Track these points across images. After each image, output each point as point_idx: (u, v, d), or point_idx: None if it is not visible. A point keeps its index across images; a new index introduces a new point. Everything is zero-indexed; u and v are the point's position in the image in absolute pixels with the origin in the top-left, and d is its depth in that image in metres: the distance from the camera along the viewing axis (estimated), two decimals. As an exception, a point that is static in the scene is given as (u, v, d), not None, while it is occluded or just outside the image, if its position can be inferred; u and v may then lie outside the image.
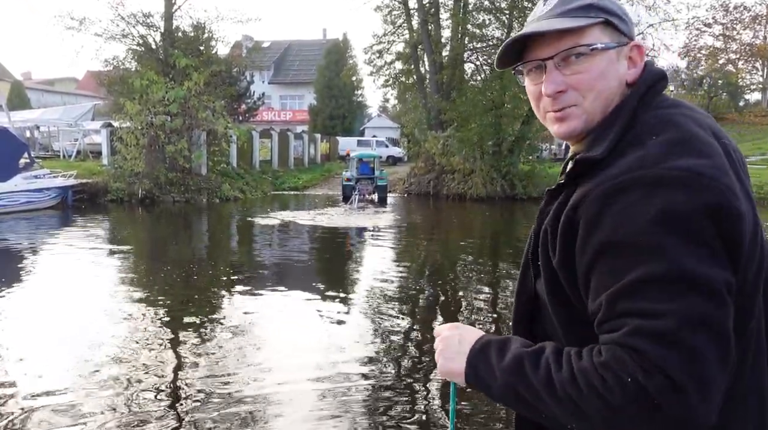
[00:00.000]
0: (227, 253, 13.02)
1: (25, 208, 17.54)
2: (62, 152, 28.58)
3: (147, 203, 20.97)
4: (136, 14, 26.17)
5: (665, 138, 0.96)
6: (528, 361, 0.98)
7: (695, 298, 0.86)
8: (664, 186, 0.90)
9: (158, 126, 21.89)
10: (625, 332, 0.88)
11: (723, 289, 0.88)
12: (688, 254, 0.87)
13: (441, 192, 25.53)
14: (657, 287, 0.87)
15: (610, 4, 1.08)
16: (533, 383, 0.96)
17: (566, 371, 0.93)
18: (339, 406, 4.59)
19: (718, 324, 0.86)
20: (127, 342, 6.06)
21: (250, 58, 37.49)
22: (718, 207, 0.89)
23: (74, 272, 9.91)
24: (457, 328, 1.15)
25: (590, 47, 1.04)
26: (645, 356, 0.85)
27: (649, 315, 0.87)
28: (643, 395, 0.84)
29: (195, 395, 4.71)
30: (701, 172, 0.90)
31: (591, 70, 1.05)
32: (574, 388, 0.91)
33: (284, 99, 51.34)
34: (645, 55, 1.10)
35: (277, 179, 28.96)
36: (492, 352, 1.04)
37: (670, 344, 0.84)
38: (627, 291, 0.89)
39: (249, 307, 7.64)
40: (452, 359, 1.10)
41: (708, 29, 35.24)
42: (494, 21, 27.06)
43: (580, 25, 1.05)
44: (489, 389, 1.04)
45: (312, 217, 17.93)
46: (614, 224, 0.91)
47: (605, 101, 1.06)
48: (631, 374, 0.85)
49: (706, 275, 0.86)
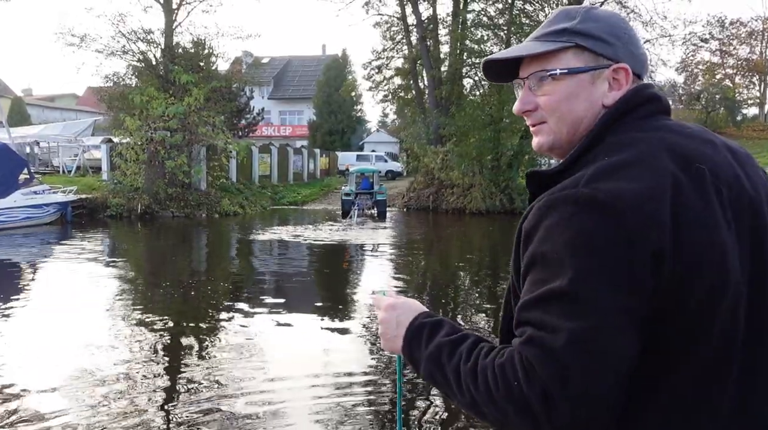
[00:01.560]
0: (226, 268, 13.00)
1: (25, 223, 17.54)
2: (62, 168, 28.63)
3: (146, 219, 20.98)
4: (136, 31, 26.38)
5: (611, 160, 0.97)
6: (446, 350, 1.03)
7: (588, 320, 0.88)
8: (584, 207, 0.92)
9: (158, 141, 21.95)
10: (524, 339, 0.92)
11: (620, 316, 0.89)
12: (593, 277, 0.89)
13: (440, 206, 25.55)
14: (557, 304, 0.90)
15: (590, 27, 1.08)
16: (446, 371, 1.02)
17: (471, 365, 0.98)
18: (339, 420, 4.55)
19: (606, 351, 0.88)
20: (125, 357, 6.02)
21: (249, 74, 37.68)
22: (632, 233, 0.89)
23: (73, 288, 9.88)
24: (393, 308, 1.16)
25: (550, 73, 1.07)
26: (532, 365, 0.89)
27: (544, 327, 0.90)
28: (522, 402, 0.89)
29: (194, 410, 4.67)
30: (622, 197, 0.91)
31: (555, 93, 1.08)
32: (473, 381, 0.96)
33: (284, 114, 51.53)
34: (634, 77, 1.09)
35: (276, 194, 28.99)
36: (423, 336, 1.09)
37: (555, 360, 0.88)
38: (533, 302, 0.93)
39: (248, 322, 7.61)
40: (392, 341, 1.15)
41: (705, 45, 35.48)
42: (492, 37, 27.30)
43: (547, 50, 1.08)
44: (417, 370, 1.09)
45: (311, 232, 17.93)
46: (540, 238, 0.95)
47: (570, 123, 1.08)
48: (518, 379, 0.90)
49: (605, 299, 0.88)
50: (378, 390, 5.21)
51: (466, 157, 24.67)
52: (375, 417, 4.67)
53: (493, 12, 27.41)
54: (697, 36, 30.20)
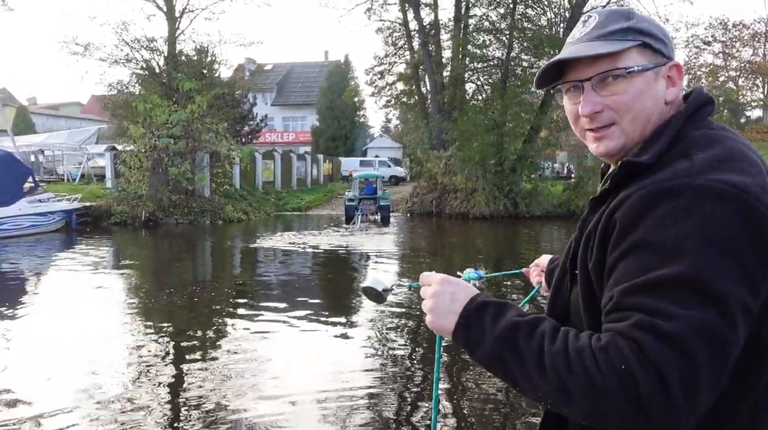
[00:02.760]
0: (230, 274, 13.01)
1: (30, 231, 17.60)
2: (66, 176, 28.74)
3: (150, 226, 21.02)
4: (140, 39, 26.59)
5: (712, 153, 0.98)
6: (523, 329, 0.98)
7: (710, 312, 0.87)
8: (708, 197, 0.91)
9: (161, 149, 22.02)
10: (632, 323, 0.89)
11: (738, 310, 0.88)
12: (717, 267, 0.88)
13: (444, 211, 25.53)
14: (676, 291, 0.88)
15: (647, 26, 1.10)
16: (522, 351, 0.96)
17: (560, 346, 0.93)
18: (344, 426, 4.55)
19: (723, 343, 0.87)
20: (129, 364, 6.04)
21: (252, 81, 37.87)
22: (758, 225, 0.90)
23: (77, 295, 9.89)
24: (448, 283, 1.12)
25: (627, 70, 1.07)
26: (645, 350, 0.86)
27: (660, 314, 0.87)
28: (632, 386, 0.86)
29: (198, 417, 4.67)
30: (745, 189, 0.92)
31: (628, 92, 1.07)
32: (565, 363, 0.91)
33: (287, 120, 51.64)
34: (684, 73, 1.12)
35: (280, 200, 29.01)
36: (487, 315, 1.03)
37: (673, 347, 0.85)
38: (646, 287, 0.90)
39: (252, 329, 7.61)
40: (443, 316, 1.08)
41: (707, 47, 35.41)
42: (494, 41, 27.29)
43: (617, 50, 1.07)
44: (474, 350, 1.03)
45: (315, 237, 17.93)
46: (650, 226, 0.93)
47: (643, 121, 1.08)
48: (627, 363, 0.86)
49: (726, 293, 0.87)
50: (384, 397, 5.20)
51: (469, 162, 24.65)
52: (381, 424, 4.66)
53: (494, 17, 27.45)
54: (700, 39, 30.13)
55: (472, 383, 5.55)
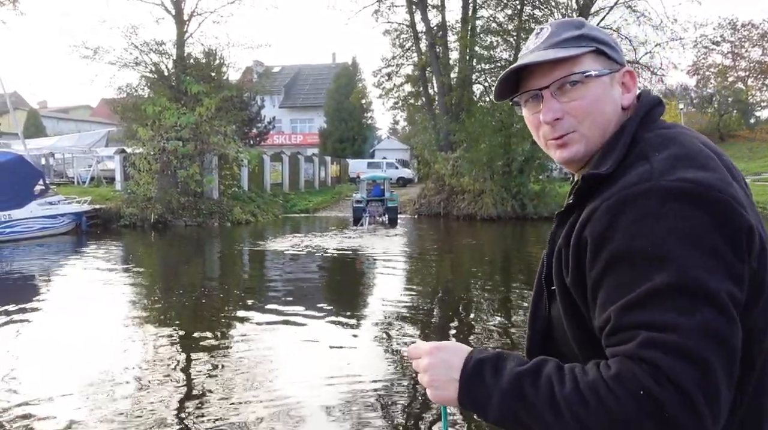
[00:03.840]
0: (239, 276, 13.07)
1: (40, 234, 17.73)
2: (76, 178, 28.92)
3: (159, 228, 21.12)
4: (149, 42, 26.66)
5: (669, 153, 0.98)
6: (527, 379, 0.94)
7: (707, 312, 0.86)
8: (674, 197, 0.91)
9: (170, 151, 22.12)
10: (637, 343, 0.87)
11: (730, 304, 0.87)
12: (700, 266, 0.87)
13: (451, 213, 25.51)
14: (669, 299, 0.87)
15: (599, 34, 1.13)
16: (534, 403, 0.92)
17: (570, 388, 0.89)
18: (351, 428, 4.57)
19: (728, 339, 0.86)
20: (139, 365, 6.08)
21: (260, 83, 37.96)
22: (729, 219, 0.91)
23: (87, 297, 9.97)
24: (439, 350, 1.06)
25: (584, 74, 1.08)
26: (657, 368, 0.84)
27: (660, 327, 0.86)
28: (656, 408, 0.83)
29: (207, 418, 4.71)
30: (709, 184, 0.92)
31: (586, 97, 1.08)
32: (581, 404, 0.87)
33: (294, 123, 51.76)
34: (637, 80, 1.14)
35: (288, 202, 29.08)
36: (486, 372, 0.99)
37: (683, 358, 0.83)
38: (638, 303, 0.88)
39: (260, 330, 7.65)
40: (444, 388, 1.03)
41: (716, 47, 35.18)
42: (502, 43, 27.32)
43: (573, 54, 1.08)
44: (485, 412, 0.98)
45: (322, 239, 17.97)
46: (624, 236, 0.92)
47: (602, 125, 1.09)
48: (644, 387, 0.84)
49: (717, 289, 0.87)
50: (391, 400, 5.22)
51: (476, 163, 24.63)
52: (389, 425, 4.68)
53: (502, 18, 27.48)
54: (709, 39, 29.94)
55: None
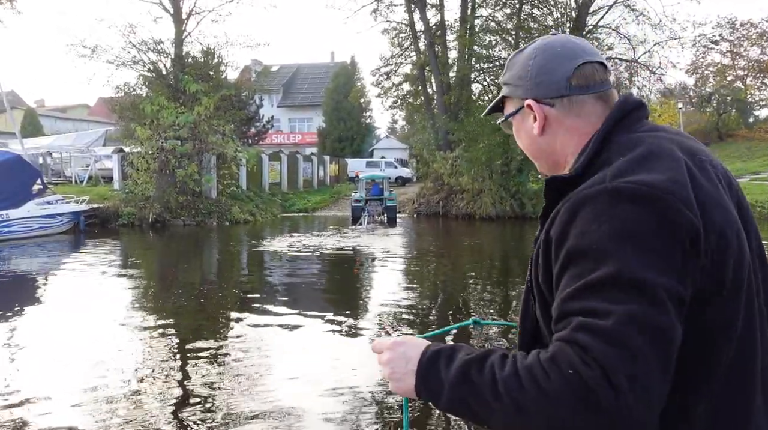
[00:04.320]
0: (237, 276, 13.04)
1: (38, 233, 17.69)
2: (74, 178, 28.87)
3: (158, 227, 21.10)
4: (146, 41, 26.63)
5: (630, 156, 1.03)
6: (474, 366, 0.99)
7: (639, 302, 0.89)
8: (621, 198, 0.96)
9: (168, 150, 22.10)
10: (571, 328, 0.92)
11: (666, 297, 0.91)
12: (638, 260, 0.91)
13: (450, 212, 25.50)
14: (604, 291, 0.91)
15: (507, 78, 1.25)
16: (479, 388, 0.96)
17: (509, 372, 0.94)
18: (351, 428, 4.55)
19: (659, 329, 0.89)
20: (137, 365, 6.05)
21: (259, 82, 37.92)
22: (670, 219, 0.94)
23: (85, 296, 9.94)
24: (398, 345, 1.11)
25: (498, 121, 1.33)
26: (587, 350, 0.88)
27: (594, 314, 0.90)
28: (582, 388, 0.87)
29: (205, 418, 4.68)
30: (656, 185, 0.96)
31: (514, 134, 1.30)
32: (516, 383, 0.92)
33: (293, 122, 51.73)
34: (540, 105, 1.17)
35: (286, 202, 29.07)
36: (440, 363, 1.04)
37: (611, 342, 0.87)
38: (577, 293, 0.94)
39: (259, 330, 7.62)
40: (403, 379, 1.08)
41: (715, 46, 35.18)
42: (500, 42, 27.26)
43: (494, 104, 1.31)
44: (438, 400, 1.03)
45: (321, 238, 17.95)
46: (576, 235, 0.98)
47: (534, 155, 1.25)
48: (573, 366, 0.88)
49: (652, 282, 0.90)
50: (388, 402, 5.19)
51: (475, 163, 24.62)
52: (388, 424, 4.66)
53: (500, 17, 27.42)
54: (707, 38, 29.93)
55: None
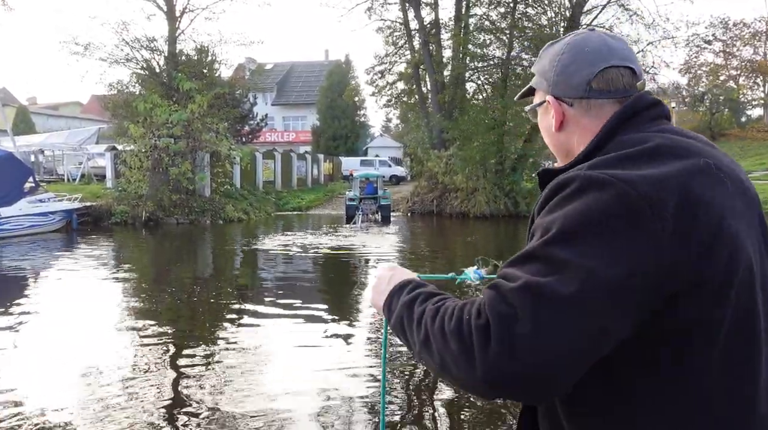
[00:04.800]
0: (231, 274, 13.00)
1: (30, 231, 17.59)
2: (67, 176, 28.71)
3: (151, 225, 21.01)
4: (140, 39, 26.52)
5: (622, 152, 1.03)
6: (421, 298, 1.09)
7: (549, 276, 0.91)
8: (589, 185, 0.96)
9: (162, 148, 22.01)
10: (488, 286, 0.98)
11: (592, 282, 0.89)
12: (574, 242, 0.92)
13: (444, 211, 25.50)
14: (528, 261, 0.96)
15: (537, 65, 1.25)
16: (413, 314, 1.07)
17: (437, 305, 1.03)
18: (342, 428, 4.53)
19: (556, 304, 0.89)
20: (130, 364, 6.01)
21: (253, 80, 37.83)
22: (632, 211, 0.92)
23: (78, 295, 9.88)
24: (393, 269, 1.25)
25: (526, 108, 1.31)
26: (484, 303, 0.94)
27: (508, 277, 0.96)
28: (467, 332, 0.93)
29: (199, 419, 4.66)
30: (625, 179, 0.94)
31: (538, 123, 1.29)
32: (432, 318, 1.01)
33: (287, 120, 51.62)
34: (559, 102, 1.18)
35: (280, 200, 29.00)
36: (405, 290, 1.15)
37: (504, 300, 0.91)
38: (513, 260, 1.00)
39: (253, 329, 7.60)
40: (380, 295, 1.21)
41: (708, 46, 35.31)
42: (495, 41, 27.27)
43: (525, 91, 1.31)
44: (390, 318, 1.15)
45: (315, 237, 17.92)
46: (543, 213, 1.02)
47: (554, 148, 1.25)
48: (469, 314, 0.95)
49: (577, 264, 0.90)
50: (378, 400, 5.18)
51: (469, 161, 24.63)
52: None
53: (495, 16, 27.41)
54: (700, 38, 30.01)
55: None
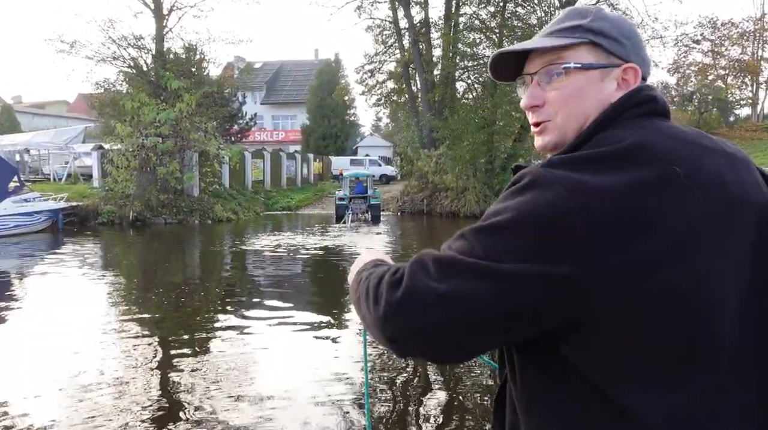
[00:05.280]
0: (219, 275, 12.86)
1: (15, 232, 17.35)
2: (53, 175, 28.41)
3: (138, 225, 20.81)
4: (127, 37, 26.21)
5: (584, 152, 0.98)
6: (372, 269, 1.10)
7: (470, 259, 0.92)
8: (535, 183, 0.94)
9: (149, 148, 21.80)
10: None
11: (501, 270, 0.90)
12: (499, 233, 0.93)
13: (434, 210, 25.48)
14: (458, 240, 0.98)
15: (602, 25, 1.09)
16: (364, 278, 1.08)
17: (382, 269, 1.05)
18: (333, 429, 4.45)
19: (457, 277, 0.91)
20: (117, 367, 5.89)
21: (242, 79, 37.60)
22: (561, 215, 0.90)
23: (64, 296, 9.72)
24: (369, 252, 1.28)
25: (563, 66, 1.08)
26: (407, 265, 0.97)
27: (438, 249, 0.99)
28: (382, 287, 0.97)
29: (186, 419, 4.55)
30: (568, 184, 0.91)
31: (566, 88, 1.08)
32: (370, 278, 1.04)
33: (276, 119, 51.41)
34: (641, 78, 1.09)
35: (269, 200, 28.86)
36: (369, 265, 1.17)
37: (417, 264, 0.96)
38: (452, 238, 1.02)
39: (242, 331, 7.49)
40: (353, 272, 1.22)
41: (697, 46, 35.52)
42: (485, 40, 27.28)
43: (561, 44, 1.08)
44: (350, 289, 1.18)
45: (305, 237, 17.82)
46: (496, 201, 1.01)
47: (578, 119, 1.08)
48: (393, 274, 0.98)
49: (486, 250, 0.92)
50: (374, 397, 5.10)
51: (459, 161, 24.61)
52: (372, 424, 4.56)
53: (485, 15, 27.42)
54: (689, 37, 30.18)
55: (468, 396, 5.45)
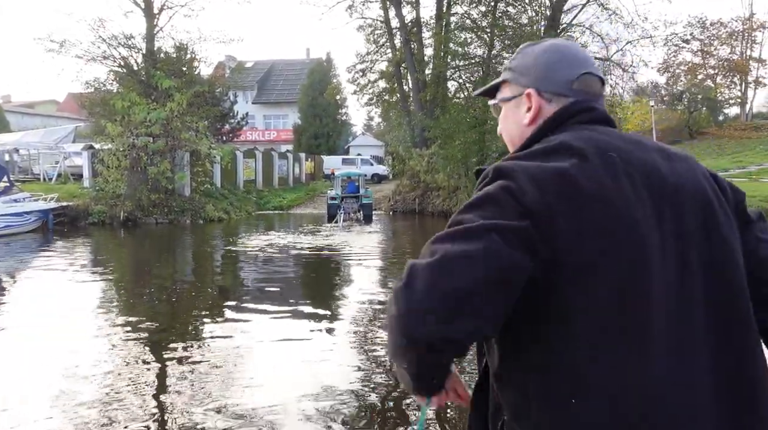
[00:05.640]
0: (211, 275, 12.83)
1: (5, 232, 17.21)
2: (42, 175, 28.20)
3: (129, 225, 20.72)
4: (117, 36, 26.07)
5: (528, 150, 1.22)
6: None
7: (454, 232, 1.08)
8: (495, 173, 1.17)
9: (140, 147, 21.70)
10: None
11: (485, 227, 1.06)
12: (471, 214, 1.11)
13: (426, 209, 25.51)
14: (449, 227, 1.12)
15: (516, 64, 1.36)
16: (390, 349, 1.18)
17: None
18: (327, 427, 4.46)
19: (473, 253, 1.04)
20: (108, 368, 5.87)
21: (233, 79, 37.46)
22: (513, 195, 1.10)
23: (54, 297, 9.66)
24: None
25: (491, 102, 1.43)
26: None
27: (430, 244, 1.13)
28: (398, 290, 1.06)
29: (178, 419, 4.55)
30: (514, 170, 1.14)
31: (500, 119, 1.42)
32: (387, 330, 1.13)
33: (268, 119, 51.25)
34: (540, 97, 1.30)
35: (261, 199, 28.79)
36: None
37: (425, 254, 1.08)
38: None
39: (233, 331, 7.48)
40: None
41: (686, 45, 35.73)
42: (476, 39, 27.32)
43: (491, 86, 1.42)
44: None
45: (297, 236, 17.80)
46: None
47: (510, 141, 1.39)
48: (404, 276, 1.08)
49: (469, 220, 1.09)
50: (368, 397, 5.12)
51: (451, 160, 24.65)
52: (365, 424, 4.58)
53: (476, 15, 27.45)
54: (679, 37, 30.34)
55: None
